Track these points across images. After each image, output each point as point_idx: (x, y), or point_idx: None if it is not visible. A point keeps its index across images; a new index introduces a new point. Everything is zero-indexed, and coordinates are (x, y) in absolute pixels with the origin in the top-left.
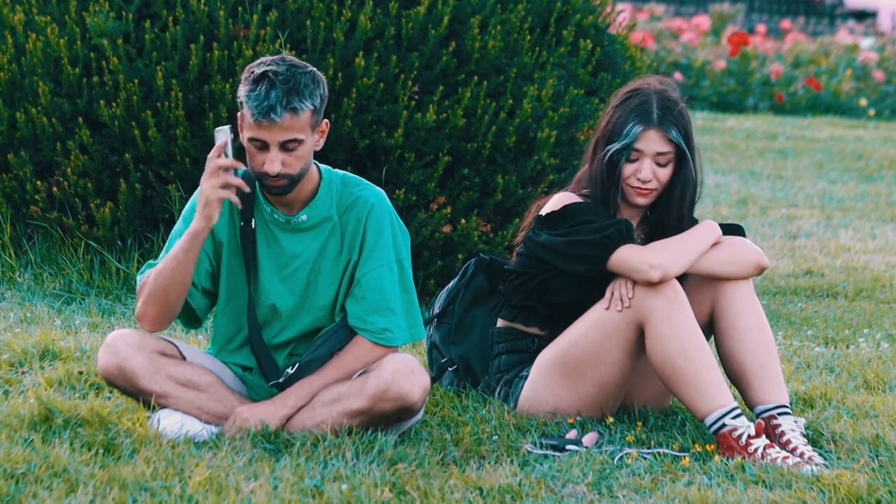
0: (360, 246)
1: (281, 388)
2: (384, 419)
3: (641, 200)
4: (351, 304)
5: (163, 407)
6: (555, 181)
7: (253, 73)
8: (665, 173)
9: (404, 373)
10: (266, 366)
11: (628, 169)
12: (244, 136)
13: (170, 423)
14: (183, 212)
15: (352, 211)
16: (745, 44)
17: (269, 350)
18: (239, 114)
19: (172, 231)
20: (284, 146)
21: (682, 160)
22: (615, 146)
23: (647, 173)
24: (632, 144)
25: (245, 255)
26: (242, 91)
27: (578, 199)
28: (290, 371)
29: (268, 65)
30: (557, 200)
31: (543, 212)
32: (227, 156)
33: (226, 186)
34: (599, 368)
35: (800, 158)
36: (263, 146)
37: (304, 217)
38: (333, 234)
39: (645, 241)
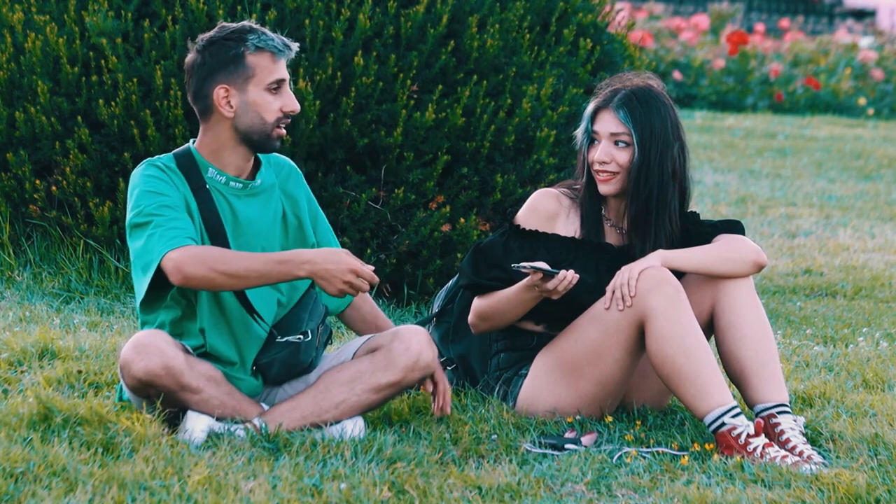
0: (309, 209)
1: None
2: (405, 390)
3: (603, 188)
4: None
5: (187, 407)
6: (554, 180)
7: (235, 28)
8: (623, 157)
9: (426, 343)
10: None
11: (591, 153)
12: (254, 89)
13: (201, 426)
14: (145, 194)
15: (288, 176)
16: (744, 43)
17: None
18: (239, 73)
19: (147, 201)
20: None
21: (640, 146)
22: (579, 130)
23: (601, 154)
24: (590, 126)
25: (211, 224)
26: (245, 44)
27: (552, 195)
28: (303, 338)
29: (235, 24)
30: (530, 200)
31: (515, 220)
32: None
33: (350, 285)
34: (599, 367)
35: (799, 157)
36: (280, 85)
37: (259, 181)
38: (279, 200)
39: (627, 238)
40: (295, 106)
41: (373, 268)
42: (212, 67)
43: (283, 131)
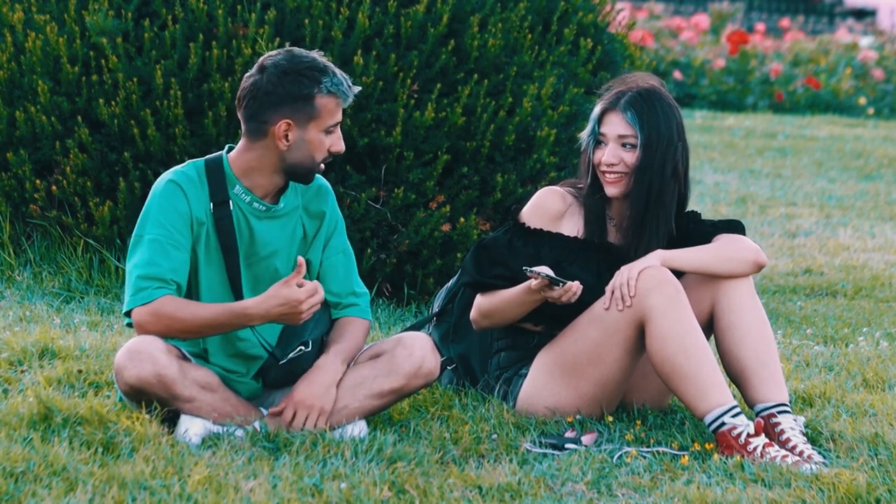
0: (325, 229)
1: (283, 371)
2: (406, 396)
3: (610, 189)
4: (335, 284)
5: (180, 412)
6: (555, 179)
7: (308, 63)
8: (631, 158)
9: (430, 350)
10: (267, 344)
11: (597, 155)
12: (314, 129)
13: (196, 429)
14: (152, 213)
15: (315, 195)
16: (744, 42)
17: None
18: (306, 112)
19: (150, 229)
20: None
21: (646, 148)
22: (585, 132)
23: (609, 156)
24: (597, 128)
25: (225, 240)
26: (319, 86)
27: (557, 194)
28: (303, 349)
29: (307, 56)
30: (535, 198)
31: (520, 216)
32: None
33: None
34: (599, 367)
35: (799, 157)
36: (335, 127)
37: (282, 204)
38: (298, 222)
39: (630, 237)
40: (342, 147)
41: (315, 284)
42: (281, 98)
43: (323, 167)
